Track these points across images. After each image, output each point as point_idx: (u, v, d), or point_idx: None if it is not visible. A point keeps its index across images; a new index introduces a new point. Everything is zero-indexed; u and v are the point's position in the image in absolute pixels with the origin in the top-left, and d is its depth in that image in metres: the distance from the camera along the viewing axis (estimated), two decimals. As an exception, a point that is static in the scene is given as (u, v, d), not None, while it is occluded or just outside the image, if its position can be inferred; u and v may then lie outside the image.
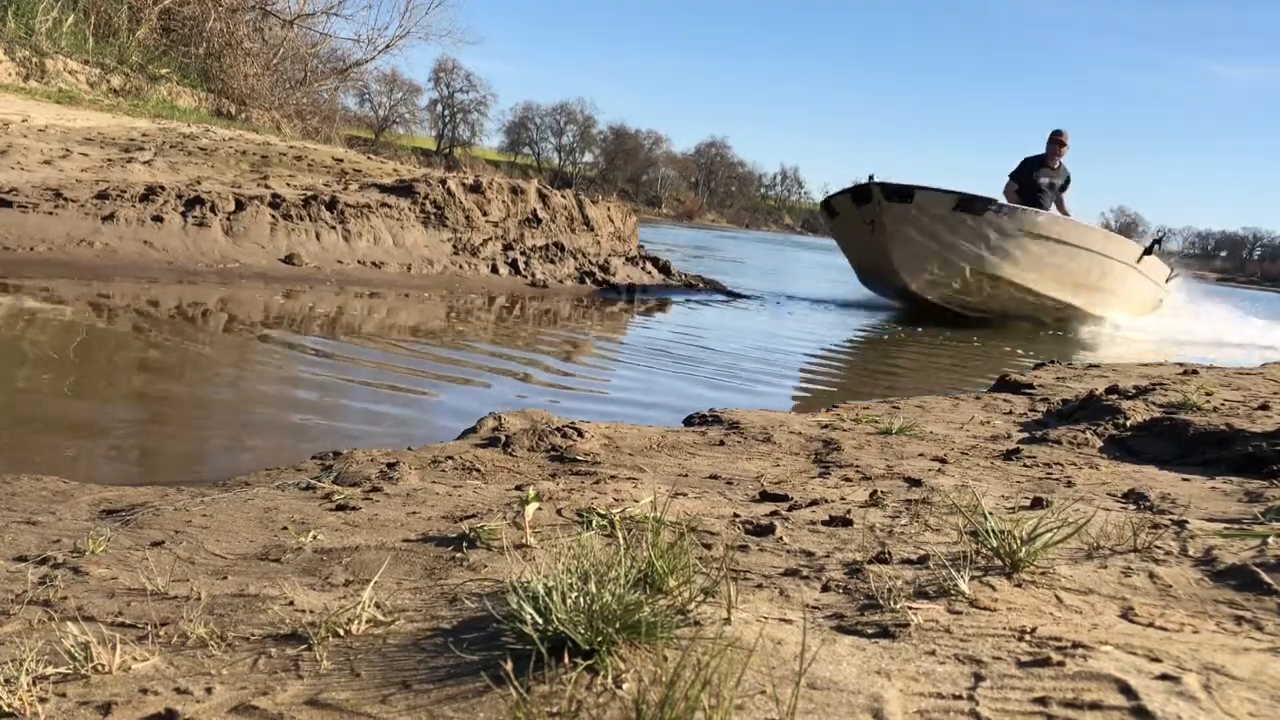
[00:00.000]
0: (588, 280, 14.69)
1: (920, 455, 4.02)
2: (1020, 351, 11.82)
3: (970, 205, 12.82)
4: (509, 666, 1.38)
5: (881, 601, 1.76)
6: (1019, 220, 13.17)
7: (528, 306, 11.93)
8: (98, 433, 4.34)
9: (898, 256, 13.11)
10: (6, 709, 1.36)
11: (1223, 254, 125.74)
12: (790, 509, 2.72)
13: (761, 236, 73.56)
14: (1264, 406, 4.96)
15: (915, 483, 3.23)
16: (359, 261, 12.40)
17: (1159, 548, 2.12)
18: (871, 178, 12.98)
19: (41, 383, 5.11)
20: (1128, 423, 4.67)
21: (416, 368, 6.73)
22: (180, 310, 8.29)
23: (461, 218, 14.30)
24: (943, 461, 3.81)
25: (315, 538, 2.39)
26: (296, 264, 11.46)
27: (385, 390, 6.01)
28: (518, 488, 3.09)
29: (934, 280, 13.47)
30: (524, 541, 2.24)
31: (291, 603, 1.84)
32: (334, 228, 12.70)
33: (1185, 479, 3.52)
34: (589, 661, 1.41)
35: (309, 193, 13.22)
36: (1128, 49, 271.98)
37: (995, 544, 1.97)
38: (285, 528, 2.54)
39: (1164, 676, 1.40)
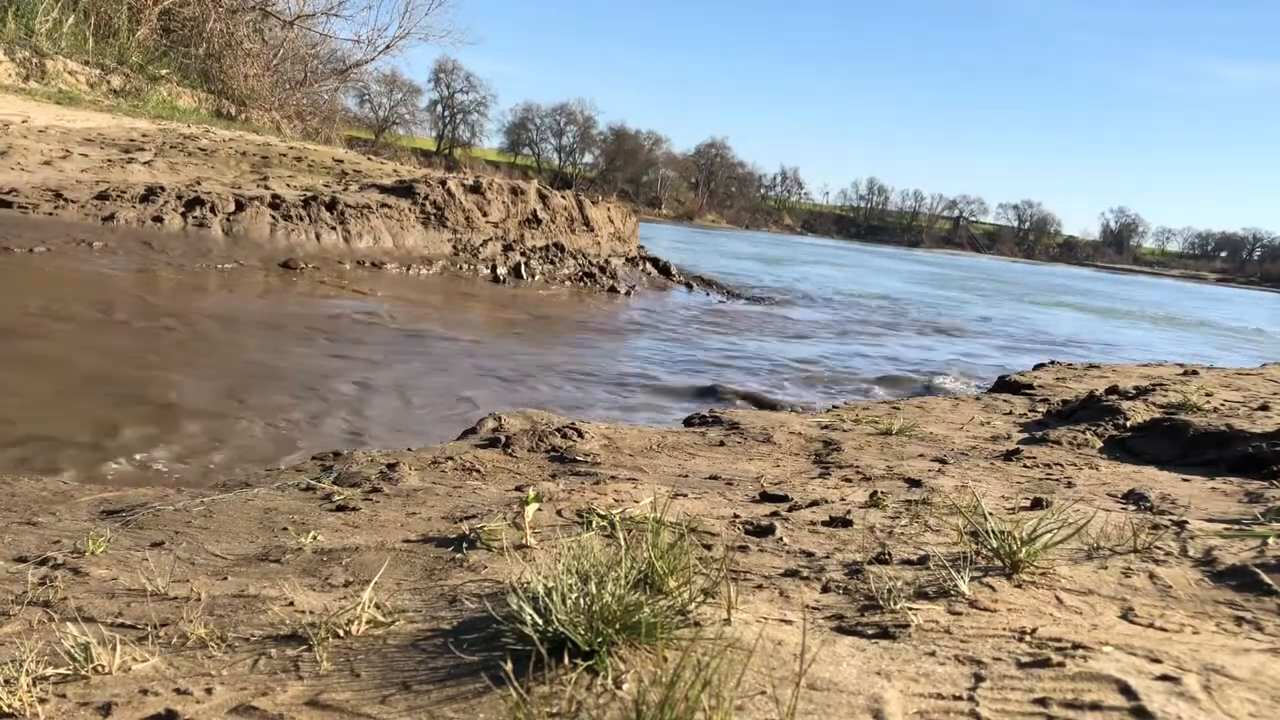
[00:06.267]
0: (587, 281, 14.69)
1: (920, 456, 4.02)
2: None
3: None
4: (509, 667, 1.38)
5: (881, 602, 1.76)
6: None
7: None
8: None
9: None
10: (6, 709, 1.36)
11: (1223, 254, 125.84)
12: (790, 509, 2.72)
13: (765, 238, 73.66)
14: (1264, 407, 4.96)
15: (915, 483, 3.23)
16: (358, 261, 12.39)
17: (1159, 548, 2.12)
18: None
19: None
20: (1128, 423, 4.67)
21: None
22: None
23: (461, 218, 14.30)
24: (943, 462, 3.81)
25: (315, 538, 2.39)
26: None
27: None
28: (518, 488, 3.08)
29: None
30: (524, 542, 2.24)
31: (291, 603, 1.84)
32: (334, 228, 12.70)
33: (1185, 479, 3.52)
34: (589, 662, 1.41)
35: (309, 193, 13.21)
36: (1130, 49, 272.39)
37: (995, 545, 1.97)
38: (285, 528, 2.53)
39: (1164, 677, 1.40)
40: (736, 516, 2.60)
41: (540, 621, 1.47)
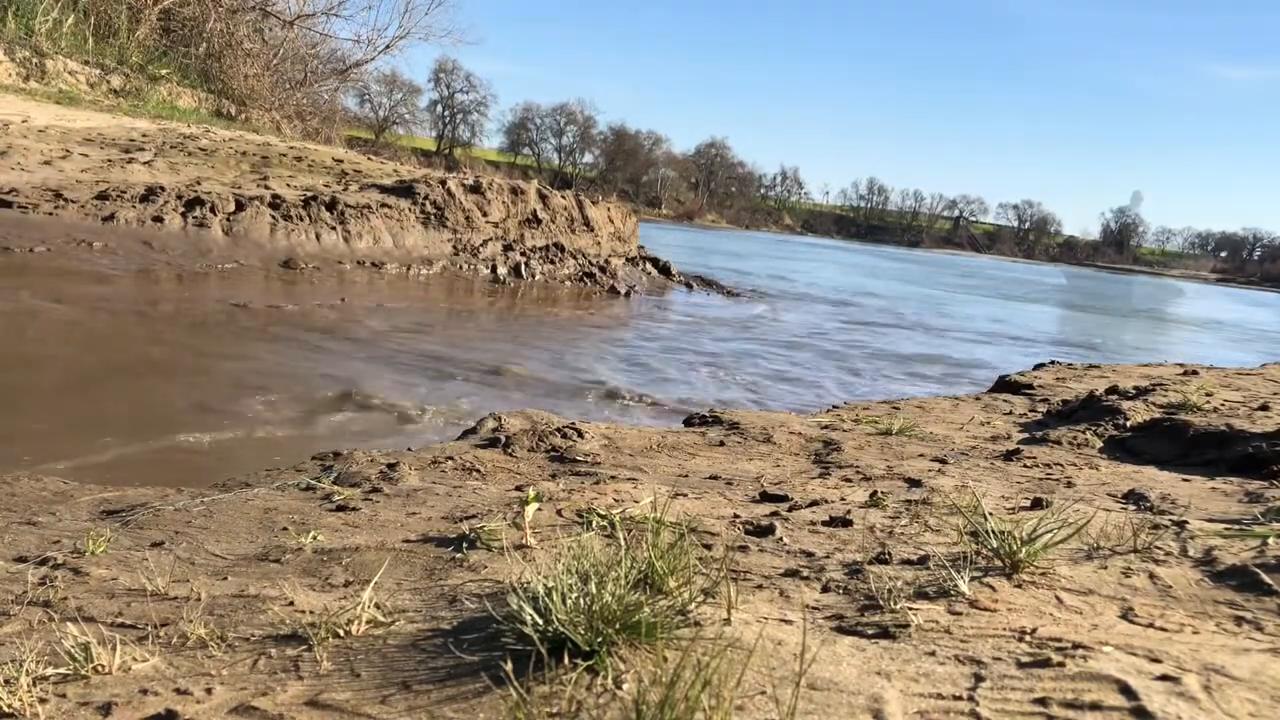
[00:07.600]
0: (588, 280, 14.69)
1: (920, 456, 4.02)
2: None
3: None
4: (509, 667, 1.38)
5: (881, 602, 1.76)
6: None
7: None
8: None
9: None
10: (7, 709, 1.36)
11: (1223, 254, 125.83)
12: (790, 509, 2.72)
13: (765, 238, 73.68)
14: (1264, 407, 4.96)
15: (915, 483, 3.23)
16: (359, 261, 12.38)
17: (1159, 548, 2.12)
18: None
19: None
20: (1128, 423, 4.67)
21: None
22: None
23: (461, 218, 14.29)
24: (943, 462, 3.80)
25: (315, 538, 2.39)
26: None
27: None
28: (518, 488, 3.08)
29: None
30: (524, 542, 2.24)
31: (291, 603, 1.84)
32: (334, 228, 12.70)
33: (1185, 479, 3.51)
34: (589, 662, 1.41)
35: (309, 193, 13.21)
36: (1132, 50, 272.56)
37: (995, 545, 1.97)
38: (285, 528, 2.53)
39: (1164, 677, 1.40)
40: (736, 516, 2.60)
41: (540, 621, 1.47)
